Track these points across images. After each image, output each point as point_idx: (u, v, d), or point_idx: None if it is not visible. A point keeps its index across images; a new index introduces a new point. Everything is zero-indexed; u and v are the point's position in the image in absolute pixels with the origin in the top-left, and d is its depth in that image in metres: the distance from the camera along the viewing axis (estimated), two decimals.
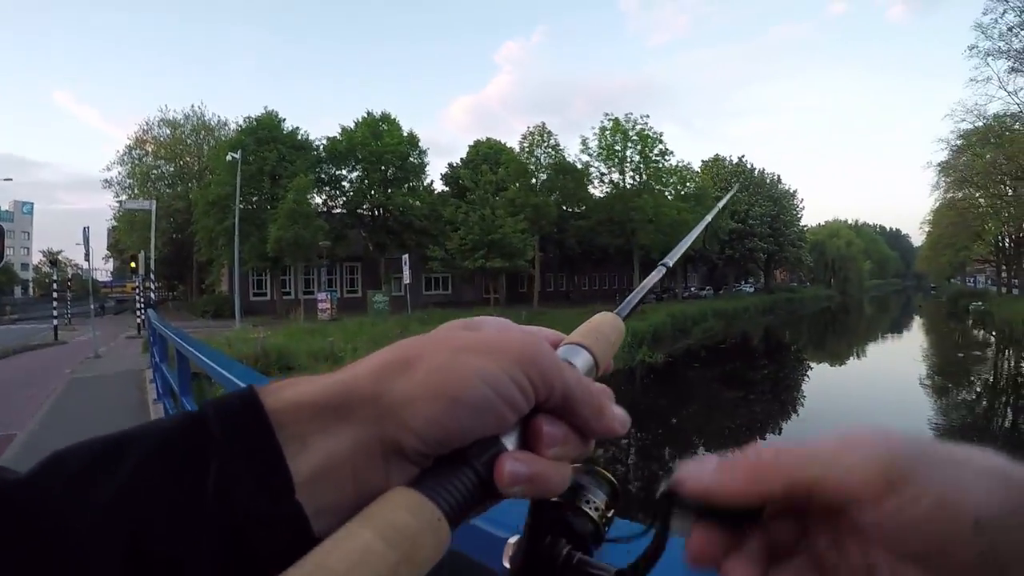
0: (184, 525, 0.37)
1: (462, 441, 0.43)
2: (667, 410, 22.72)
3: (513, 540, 0.55)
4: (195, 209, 46.40)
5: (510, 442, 0.45)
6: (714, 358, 36.38)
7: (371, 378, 0.44)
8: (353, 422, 0.42)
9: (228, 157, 39.02)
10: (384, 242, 46.96)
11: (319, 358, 22.13)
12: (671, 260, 0.86)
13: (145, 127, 57.50)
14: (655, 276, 0.81)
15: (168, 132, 57.22)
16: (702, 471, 0.43)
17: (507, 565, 0.55)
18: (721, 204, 1.30)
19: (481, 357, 0.44)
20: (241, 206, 38.32)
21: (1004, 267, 70.34)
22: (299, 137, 45.75)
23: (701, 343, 41.63)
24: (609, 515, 0.55)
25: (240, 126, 45.61)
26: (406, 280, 37.20)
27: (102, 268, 78.77)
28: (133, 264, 31.92)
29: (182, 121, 57.93)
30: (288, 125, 45.85)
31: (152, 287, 32.63)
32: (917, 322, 66.41)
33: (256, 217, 41.47)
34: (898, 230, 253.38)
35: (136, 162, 56.82)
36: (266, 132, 43.51)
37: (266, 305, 45.86)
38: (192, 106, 63.23)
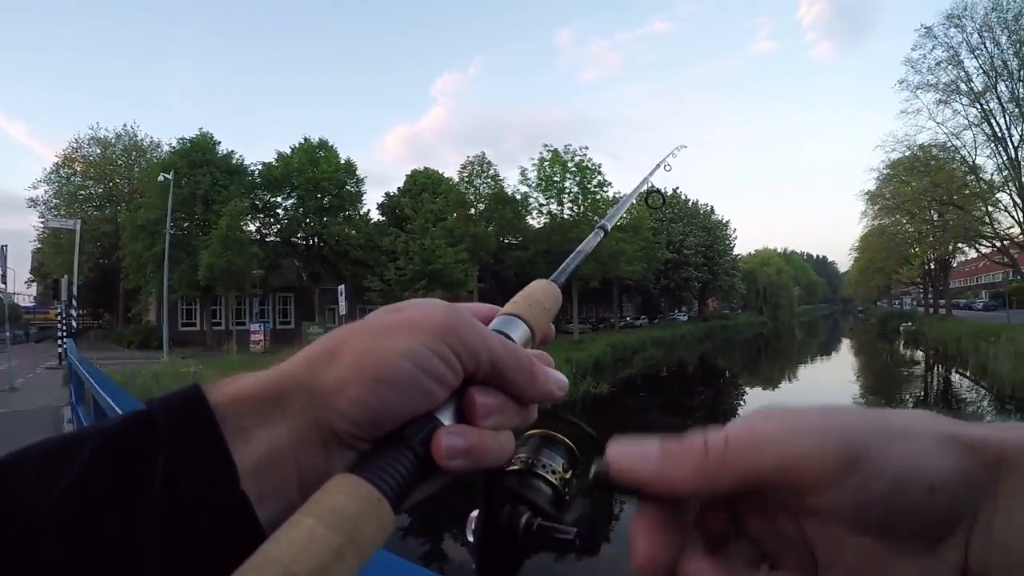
0: (133, 514, 0.38)
1: (395, 422, 0.45)
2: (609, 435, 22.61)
3: (475, 514, 0.56)
4: (123, 233, 44.46)
5: (446, 417, 0.47)
6: (655, 386, 36.66)
7: (302, 368, 0.46)
8: (289, 412, 0.44)
9: (160, 178, 37.27)
10: (319, 272, 45.94)
11: None
12: (608, 223, 0.94)
13: (75, 145, 55.37)
14: (591, 240, 0.88)
15: (98, 151, 55.02)
16: (642, 456, 0.41)
17: (471, 539, 0.56)
18: (652, 171, 1.30)
19: (402, 335, 0.46)
20: (172, 231, 36.78)
21: (931, 289, 73.07)
22: (234, 161, 44.24)
23: (642, 371, 41.73)
24: (568, 478, 0.57)
25: (173, 148, 43.92)
26: (342, 311, 36.25)
27: (24, 293, 75.85)
28: (55, 289, 30.42)
29: (113, 140, 55.75)
30: (223, 148, 44.31)
31: (75, 315, 30.99)
32: (849, 344, 68.47)
33: (187, 243, 39.92)
34: (824, 257, 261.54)
35: (64, 181, 54.44)
36: (200, 155, 41.97)
37: (195, 336, 44.35)
38: (124, 125, 60.52)
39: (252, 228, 44.07)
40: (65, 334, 26.51)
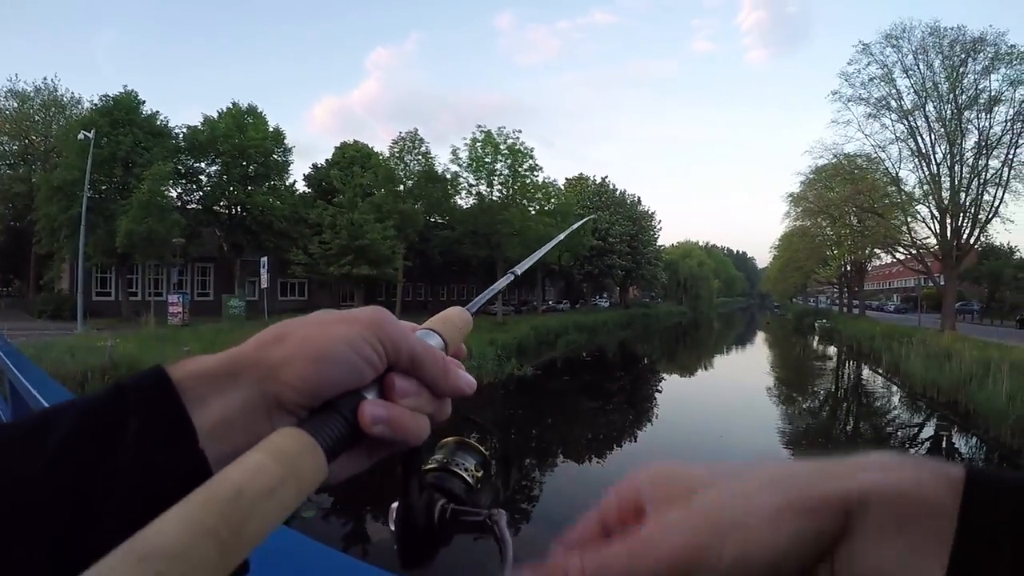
0: (111, 473, 0.44)
1: (331, 394, 0.52)
2: (532, 421, 22.85)
3: (395, 505, 0.63)
4: (37, 194, 41.97)
5: (371, 395, 0.54)
6: (577, 370, 36.72)
7: (253, 348, 0.54)
8: (241, 383, 0.51)
9: (80, 136, 35.17)
10: (241, 243, 44.77)
11: None
12: (520, 270, 0.99)
13: None
14: (503, 281, 0.93)
15: (15, 105, 51.80)
16: None
17: (392, 528, 0.63)
18: (575, 226, 1.53)
19: (341, 325, 0.54)
20: (90, 194, 34.71)
21: (846, 289, 77.35)
22: (158, 123, 42.01)
23: (565, 355, 41.94)
24: (480, 475, 0.67)
25: (95, 105, 41.14)
26: (264, 284, 35.56)
27: None
28: None
29: (32, 94, 52.43)
30: (148, 108, 42.00)
31: None
32: (765, 337, 70.47)
33: (105, 207, 37.96)
34: (744, 252, 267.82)
35: None
36: (123, 114, 39.76)
37: (110, 306, 42.41)
38: (44, 79, 57.61)
39: (174, 194, 42.18)
40: None
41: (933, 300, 59.15)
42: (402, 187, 46.98)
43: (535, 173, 49.84)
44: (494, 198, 49.12)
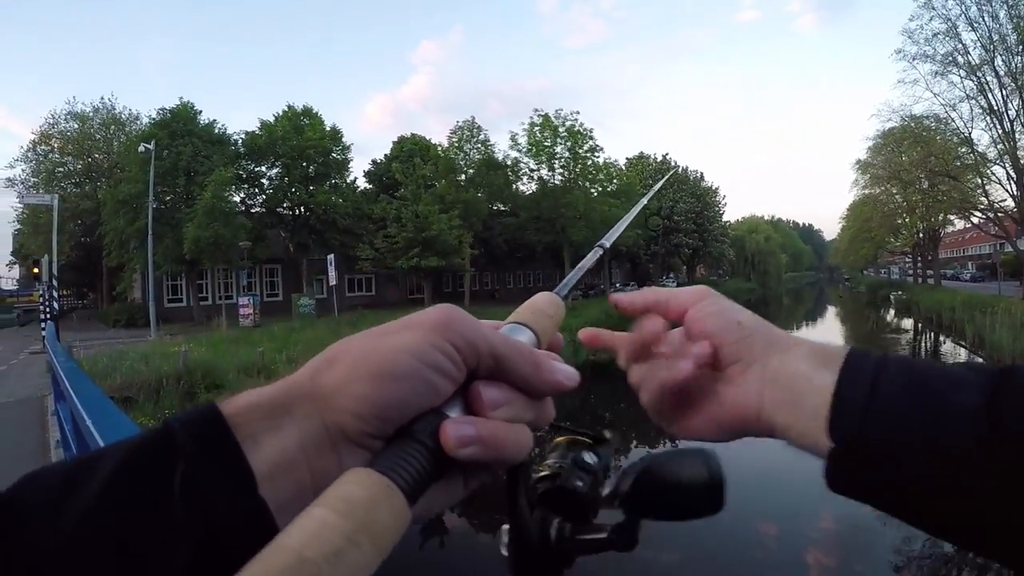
0: (156, 526, 0.39)
1: (403, 418, 0.45)
2: (604, 406, 22.54)
3: (506, 527, 0.57)
4: (104, 209, 42.63)
5: (454, 412, 0.47)
6: None
7: (306, 375, 0.47)
8: (296, 416, 0.45)
9: (141, 149, 35.33)
10: (306, 242, 44.62)
11: (250, 372, 19.86)
12: (608, 241, 0.90)
13: (51, 120, 52.32)
14: (591, 257, 0.86)
15: (76, 126, 52.20)
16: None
17: (504, 552, 0.57)
18: (657, 187, 1.43)
19: (401, 333, 0.47)
20: (155, 204, 35.05)
21: (919, 258, 73.90)
22: (216, 131, 42.29)
23: None
24: (599, 479, 0.60)
25: (153, 119, 41.70)
26: (332, 281, 35.27)
27: (7, 276, 73.84)
28: (36, 270, 28.86)
29: (91, 114, 52.86)
30: (204, 118, 42.29)
31: (56, 295, 29.54)
32: (838, 312, 69.06)
33: (170, 217, 38.23)
34: (810, 225, 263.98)
35: (41, 159, 51.81)
36: (181, 125, 40.04)
37: (182, 312, 42.92)
38: (102, 98, 58.11)
39: (237, 199, 42.52)
40: (47, 317, 25.11)
41: (1011, 266, 56.81)
42: (463, 176, 46.72)
43: (595, 154, 49.14)
44: (556, 182, 48.55)
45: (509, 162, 48.20)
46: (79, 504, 0.39)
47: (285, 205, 44.89)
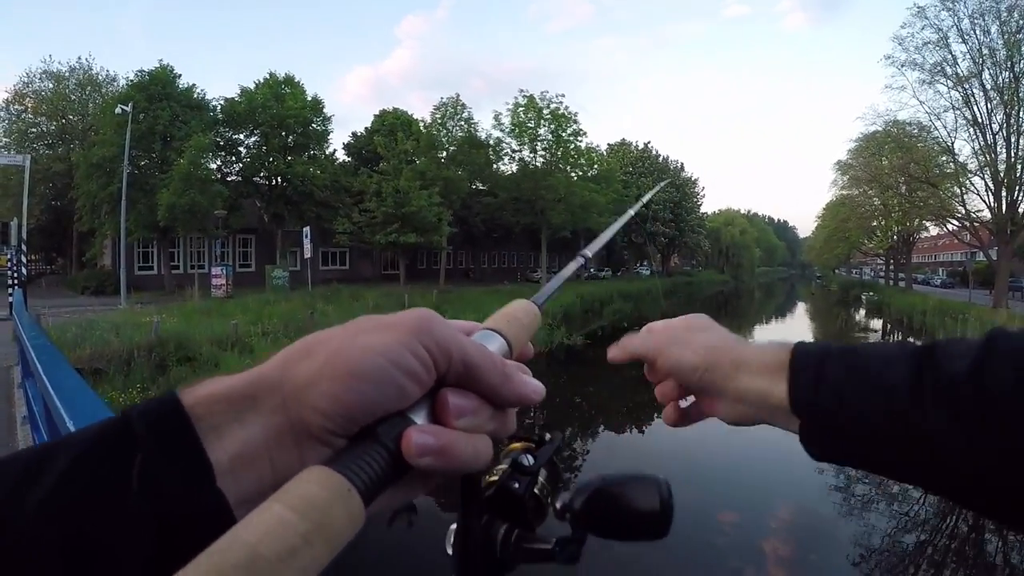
0: (114, 517, 0.38)
1: (369, 418, 0.45)
2: (583, 390, 22.65)
3: (454, 526, 0.58)
4: (77, 172, 41.59)
5: (419, 417, 0.47)
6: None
7: (276, 367, 0.47)
8: (262, 409, 0.45)
9: (118, 110, 34.74)
10: (282, 213, 44.03)
11: (224, 345, 19.16)
12: (590, 251, 0.93)
13: (26, 80, 51.20)
14: (572, 266, 0.88)
15: (51, 86, 51.11)
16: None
17: (449, 551, 0.58)
18: (647, 198, 1.46)
19: (377, 333, 0.47)
20: (129, 169, 34.14)
21: (892, 261, 76.39)
22: (195, 96, 41.39)
23: (612, 324, 41.44)
24: (548, 488, 0.61)
25: (131, 81, 40.51)
26: (307, 254, 34.80)
27: None
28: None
29: (67, 74, 51.74)
30: (184, 82, 41.34)
31: (24, 261, 28.50)
32: (810, 308, 70.38)
33: (144, 182, 37.34)
34: (785, 221, 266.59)
35: (14, 119, 50.55)
36: (159, 88, 39.08)
37: (153, 280, 41.93)
38: (79, 58, 57.24)
39: (214, 167, 41.54)
40: (15, 283, 24.04)
41: (982, 275, 58.42)
42: (444, 154, 46.36)
43: (578, 138, 48.96)
44: (537, 164, 48.39)
45: (491, 141, 47.91)
46: (38, 495, 0.38)
47: (262, 174, 44.11)
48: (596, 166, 52.62)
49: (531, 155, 48.56)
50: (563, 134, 48.21)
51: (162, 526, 0.39)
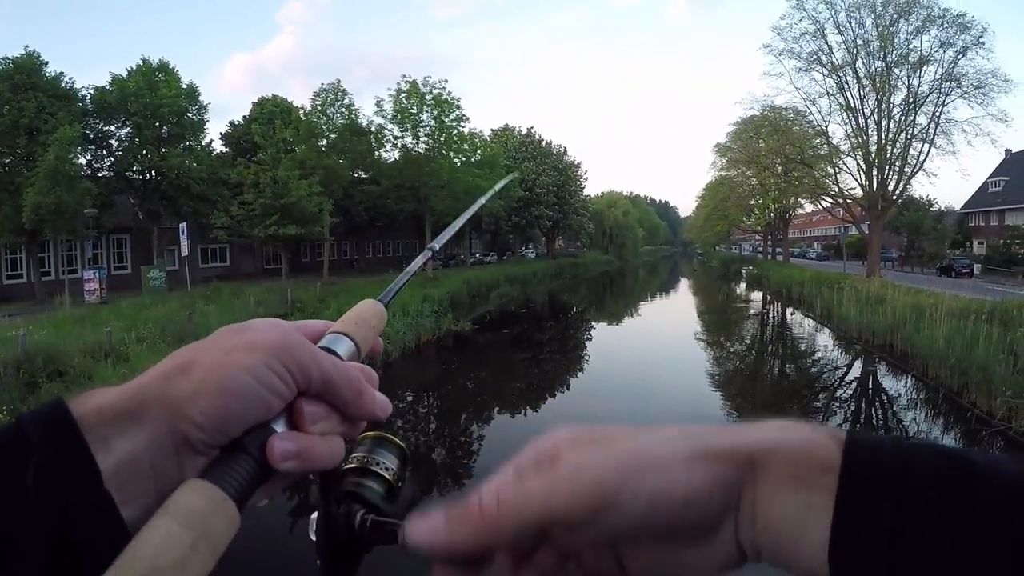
0: (11, 514, 0.42)
1: (238, 430, 0.51)
2: (467, 375, 23.41)
3: (315, 515, 0.62)
4: None
5: (279, 426, 0.53)
6: (511, 322, 37.74)
7: (158, 382, 0.51)
8: (145, 422, 0.49)
9: None
10: (157, 209, 42.29)
11: (97, 355, 18.08)
12: (437, 244, 0.97)
13: None
14: (420, 259, 0.90)
15: None
16: (432, 528, 0.49)
17: (313, 538, 0.61)
18: (492, 192, 1.45)
19: (245, 353, 0.52)
20: None
21: (770, 237, 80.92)
22: (63, 85, 38.65)
23: (499, 307, 42.95)
24: (400, 474, 0.65)
25: None
26: (185, 252, 33.45)
27: None
28: None
29: None
30: (51, 70, 38.46)
31: None
32: (693, 284, 73.68)
33: (9, 182, 34.97)
34: (667, 202, 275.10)
35: None
36: (24, 77, 36.35)
37: (23, 289, 39.25)
38: None
39: (83, 162, 39.25)
40: None
41: (855, 247, 62.09)
42: (325, 142, 45.57)
43: (462, 124, 48.94)
44: (420, 150, 48.03)
45: (373, 128, 47.40)
46: None
47: (135, 168, 41.99)
48: (479, 151, 52.59)
49: (413, 141, 48.09)
50: (446, 120, 47.93)
51: (57, 521, 0.42)
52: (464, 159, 51.04)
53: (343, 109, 45.82)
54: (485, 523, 0.47)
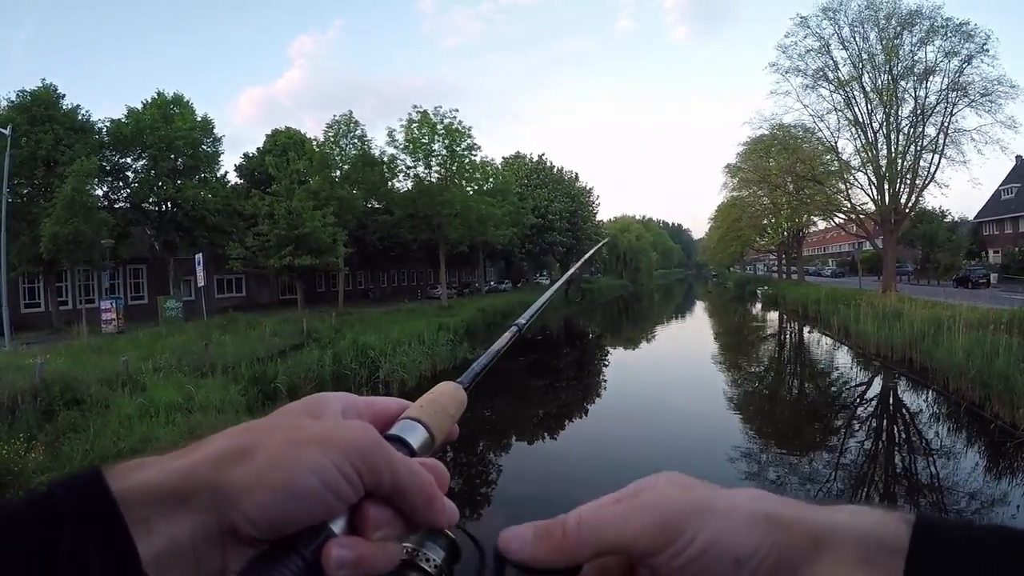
0: None
1: (294, 527, 0.48)
2: (484, 402, 22.78)
3: None
4: None
5: (338, 527, 0.50)
6: (529, 349, 36.77)
7: (210, 465, 0.48)
8: (193, 508, 0.46)
9: None
10: (173, 240, 42.59)
11: (114, 384, 18.07)
12: (524, 319, 0.95)
13: None
14: (506, 337, 0.87)
15: None
16: (523, 540, 0.52)
17: None
18: (584, 259, 1.47)
19: (313, 449, 0.49)
20: (8, 199, 32.03)
21: (784, 255, 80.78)
22: (80, 117, 39.02)
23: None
24: (446, 570, 0.60)
25: (11, 102, 37.76)
26: (200, 282, 33.69)
27: None
28: None
29: None
30: (68, 102, 38.88)
31: None
32: (709, 306, 72.77)
33: (27, 212, 35.30)
34: (679, 224, 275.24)
35: None
36: (42, 109, 36.80)
37: (40, 318, 39.51)
38: None
39: (100, 193, 39.80)
40: None
41: (870, 263, 61.75)
42: (338, 172, 45.79)
43: (473, 152, 49.08)
44: (432, 179, 48.28)
45: (386, 158, 47.54)
46: None
47: (151, 200, 42.30)
48: (491, 179, 52.80)
49: (426, 171, 48.32)
50: (457, 148, 48.04)
51: None
52: (476, 187, 51.09)
53: (355, 140, 46.03)
54: (566, 541, 0.51)
